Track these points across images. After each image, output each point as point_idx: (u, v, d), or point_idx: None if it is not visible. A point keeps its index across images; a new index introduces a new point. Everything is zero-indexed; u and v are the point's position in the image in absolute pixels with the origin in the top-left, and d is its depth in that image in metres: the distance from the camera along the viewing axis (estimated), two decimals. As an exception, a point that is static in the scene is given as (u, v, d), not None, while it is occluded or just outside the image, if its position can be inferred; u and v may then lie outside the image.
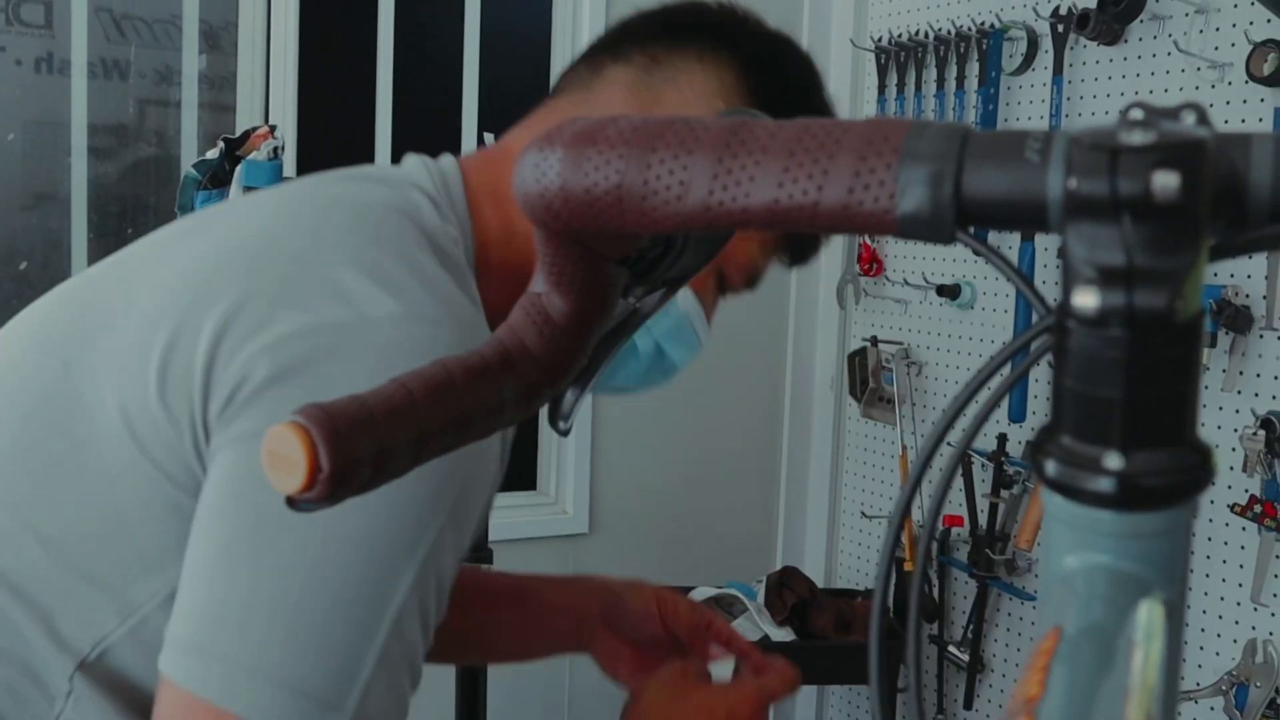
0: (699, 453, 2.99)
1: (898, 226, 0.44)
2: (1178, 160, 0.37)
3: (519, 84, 2.83)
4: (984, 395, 0.48)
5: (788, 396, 3.06)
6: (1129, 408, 0.40)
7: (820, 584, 3.01)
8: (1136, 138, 0.38)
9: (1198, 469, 0.41)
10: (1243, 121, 2.11)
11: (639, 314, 0.64)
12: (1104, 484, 0.40)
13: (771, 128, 0.47)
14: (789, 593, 2.62)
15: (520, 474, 2.91)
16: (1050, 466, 0.42)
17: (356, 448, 0.49)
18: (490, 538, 2.37)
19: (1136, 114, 0.42)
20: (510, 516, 2.78)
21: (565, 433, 0.63)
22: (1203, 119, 0.42)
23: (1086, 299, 0.39)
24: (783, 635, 2.58)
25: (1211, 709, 2.16)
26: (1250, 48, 2.04)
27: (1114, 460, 0.40)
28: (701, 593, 2.64)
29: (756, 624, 2.58)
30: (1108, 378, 0.40)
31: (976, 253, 0.45)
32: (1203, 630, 2.20)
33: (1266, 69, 2.02)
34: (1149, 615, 0.40)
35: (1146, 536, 0.41)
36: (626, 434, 2.91)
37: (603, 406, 2.86)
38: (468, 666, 1.69)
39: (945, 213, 0.43)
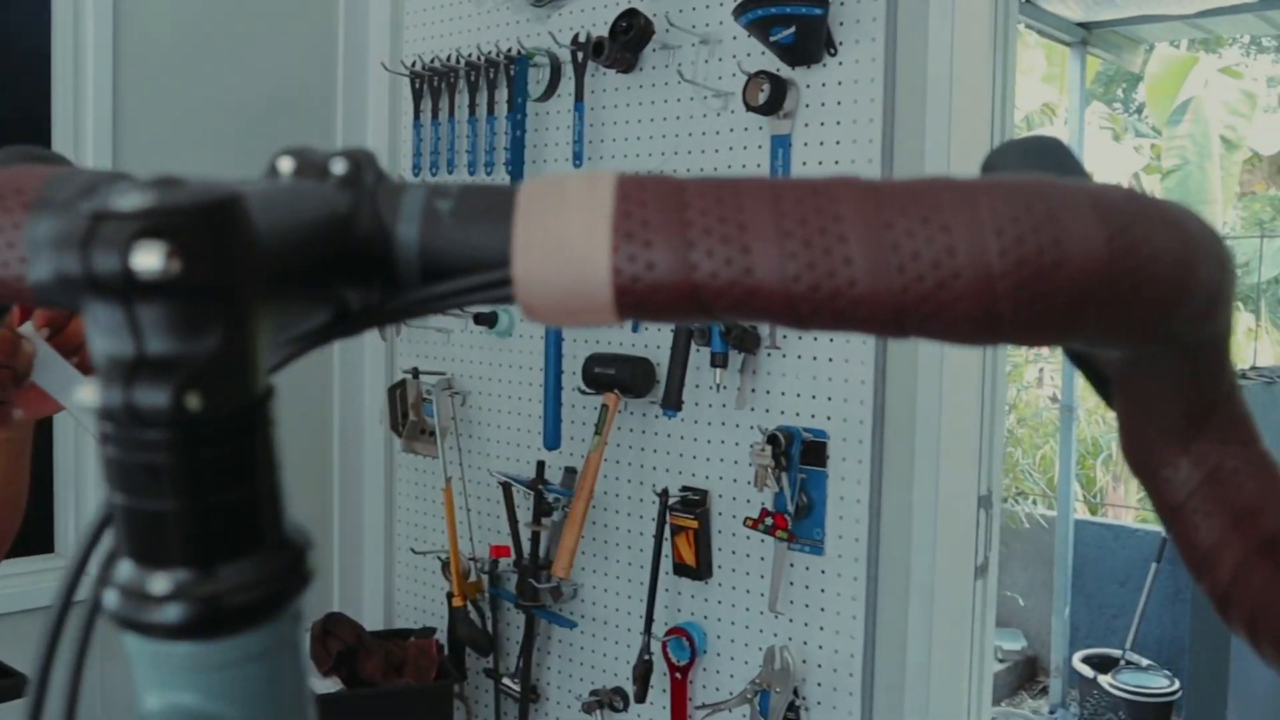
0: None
1: (34, 295, 0.37)
2: (169, 229, 0.30)
3: (16, 97, 2.54)
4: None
5: (336, 433, 2.93)
6: (184, 520, 0.33)
7: (382, 625, 2.90)
8: (128, 201, 0.31)
9: (285, 576, 0.35)
10: (745, 148, 2.19)
11: None
12: (168, 613, 0.33)
13: None
14: (334, 640, 2.49)
15: (33, 536, 2.61)
16: (109, 598, 0.34)
17: None
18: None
19: (284, 163, 0.37)
20: (25, 584, 2.49)
21: None
22: (356, 170, 0.37)
23: (86, 394, 0.32)
24: (329, 686, 2.44)
25: (744, 716, 2.22)
26: (745, 79, 2.13)
27: (173, 584, 0.33)
28: (238, 649, 2.46)
29: (299, 677, 2.42)
30: (148, 487, 0.33)
31: None
32: (732, 641, 2.27)
33: (761, 98, 2.11)
34: None
35: (233, 665, 0.35)
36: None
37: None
38: None
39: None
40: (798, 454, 2.11)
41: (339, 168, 0.38)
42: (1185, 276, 0.40)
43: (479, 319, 2.56)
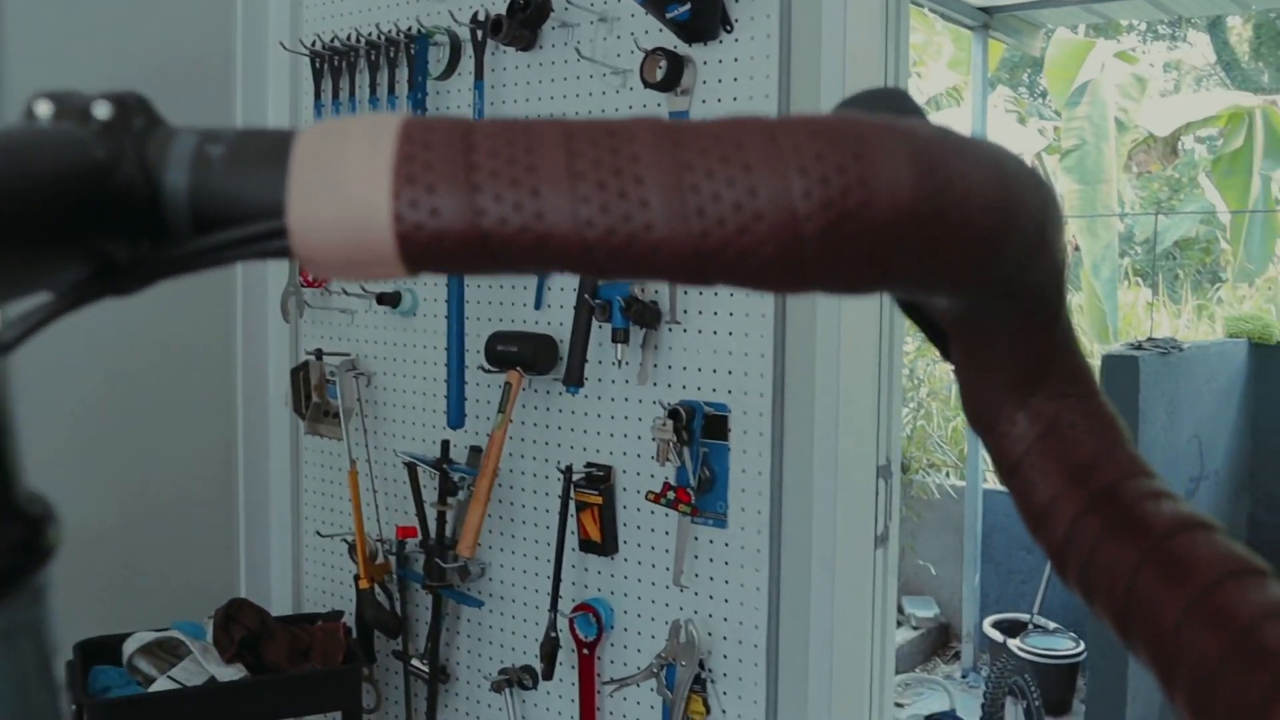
0: (145, 484, 2.75)
1: None
2: None
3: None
4: None
5: (240, 417, 2.89)
6: None
7: (290, 610, 2.88)
8: None
9: (16, 551, 0.33)
10: (643, 126, 2.20)
11: None
12: None
13: None
14: (237, 626, 2.45)
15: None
16: None
17: None
18: None
19: (41, 106, 0.35)
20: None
21: None
22: (122, 114, 0.35)
23: None
24: (231, 673, 2.41)
25: (651, 690, 2.24)
26: (643, 56, 2.14)
27: None
28: (139, 639, 2.42)
29: (201, 665, 2.39)
30: None
31: None
32: (639, 616, 2.28)
33: (658, 75, 2.12)
34: None
35: None
36: (57, 466, 2.62)
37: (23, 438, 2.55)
38: None
39: None
40: (699, 428, 2.12)
41: (102, 112, 0.35)
42: (1003, 218, 0.38)
43: (382, 299, 2.54)
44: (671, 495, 2.13)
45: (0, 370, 0.33)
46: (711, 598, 2.19)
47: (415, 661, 2.59)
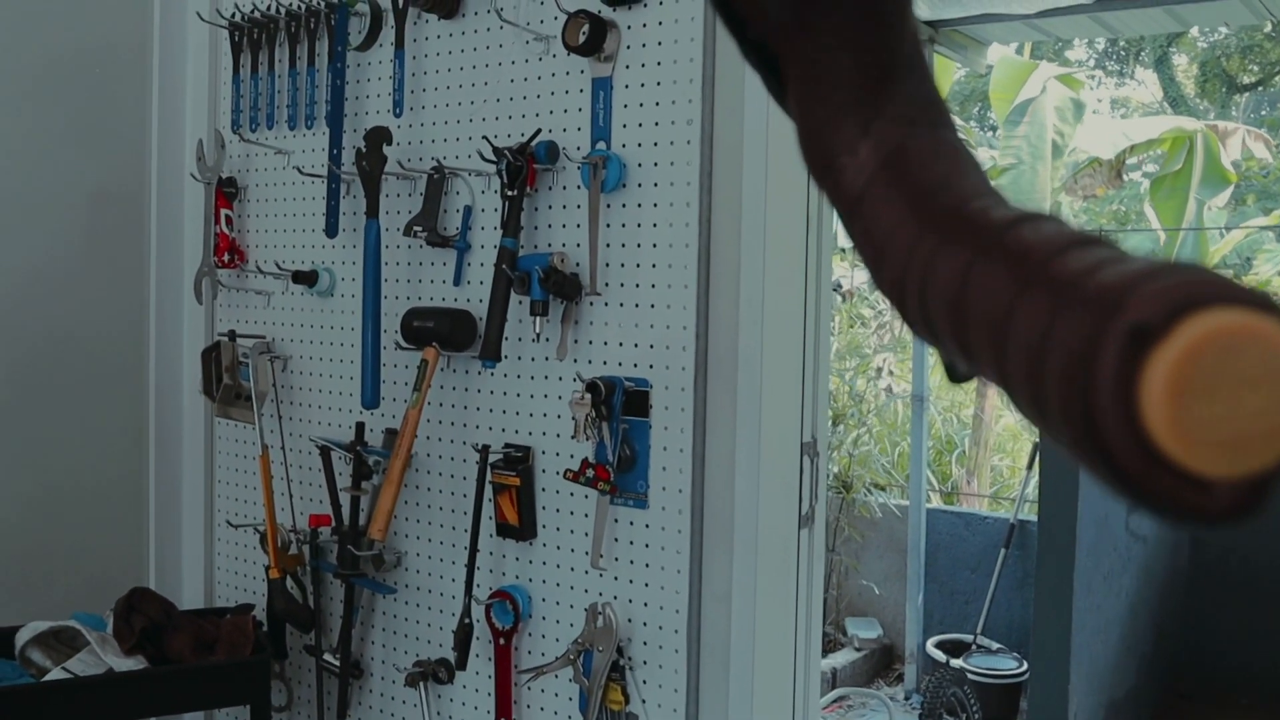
0: (50, 471, 2.63)
1: None
2: None
3: None
4: None
5: (152, 401, 2.78)
6: None
7: (201, 603, 2.77)
8: None
9: None
10: (566, 93, 2.14)
11: None
12: None
13: None
14: (139, 617, 2.34)
15: None
16: None
17: None
18: None
19: None
20: None
21: None
22: None
23: None
24: (131, 665, 2.29)
25: (570, 680, 2.15)
26: (565, 18, 2.07)
27: None
28: (32, 629, 2.30)
29: (99, 656, 2.27)
30: None
31: None
32: (558, 604, 2.19)
33: (581, 38, 2.05)
34: None
35: None
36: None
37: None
38: None
39: None
40: (619, 404, 2.05)
41: None
42: None
43: (298, 277, 2.45)
44: (590, 473, 2.05)
45: None
46: (631, 581, 2.10)
47: (328, 656, 2.48)
